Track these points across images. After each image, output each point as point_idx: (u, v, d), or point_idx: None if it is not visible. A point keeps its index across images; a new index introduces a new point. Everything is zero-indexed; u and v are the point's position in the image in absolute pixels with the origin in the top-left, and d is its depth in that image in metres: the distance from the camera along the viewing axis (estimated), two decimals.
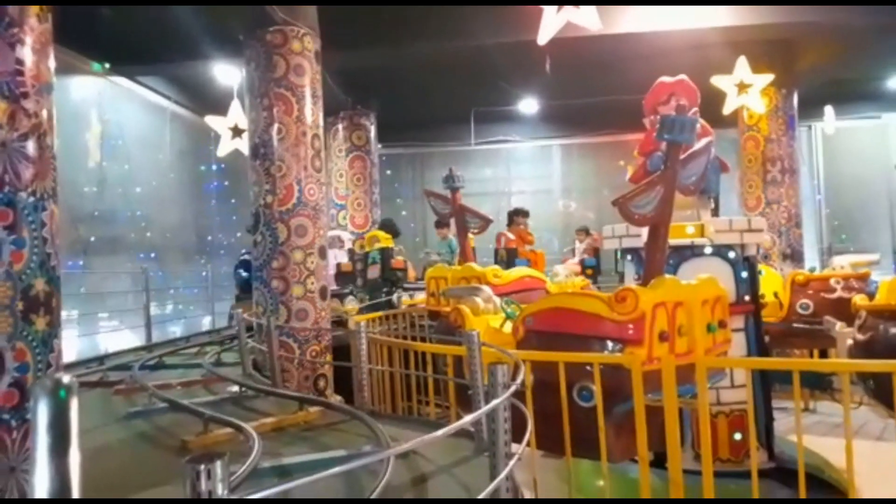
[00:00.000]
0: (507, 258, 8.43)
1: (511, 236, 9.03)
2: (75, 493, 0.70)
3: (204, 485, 1.02)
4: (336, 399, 5.32)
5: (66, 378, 0.70)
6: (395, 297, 8.05)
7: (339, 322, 6.80)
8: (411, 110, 12.68)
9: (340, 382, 5.97)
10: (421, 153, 15.12)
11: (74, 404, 0.71)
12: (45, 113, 2.50)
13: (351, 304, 7.85)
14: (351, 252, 9.53)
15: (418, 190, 14.53)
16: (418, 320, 7.24)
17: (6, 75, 2.32)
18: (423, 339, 6.08)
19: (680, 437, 3.50)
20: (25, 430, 2.41)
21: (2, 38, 2.31)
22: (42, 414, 0.66)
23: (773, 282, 7.23)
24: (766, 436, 4.96)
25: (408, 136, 14.03)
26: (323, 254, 6.25)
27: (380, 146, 12.31)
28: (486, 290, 5.37)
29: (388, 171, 14.75)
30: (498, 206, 14.14)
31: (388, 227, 9.73)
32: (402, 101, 11.87)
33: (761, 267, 6.45)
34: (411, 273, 9.49)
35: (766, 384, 4.97)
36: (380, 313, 7.30)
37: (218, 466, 1.03)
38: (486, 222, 7.13)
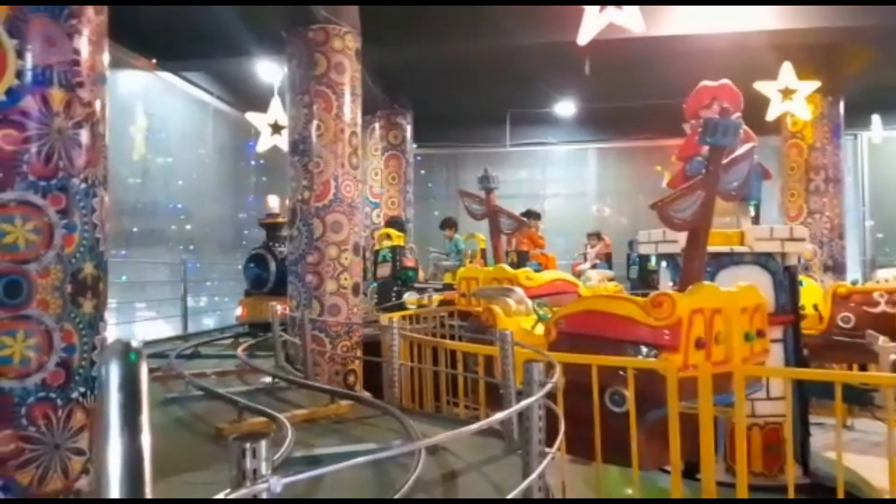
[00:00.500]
0: (518, 261, 8.30)
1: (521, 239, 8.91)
2: (147, 456, 0.72)
3: (249, 463, 1.05)
4: (365, 395, 5.36)
5: (134, 342, 0.73)
6: (405, 296, 7.91)
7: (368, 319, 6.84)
8: (447, 110, 12.72)
9: (368, 379, 6.02)
10: (455, 154, 15.14)
11: (144, 368, 0.73)
12: (98, 103, 2.58)
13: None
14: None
15: (452, 190, 14.55)
16: (448, 320, 7.24)
17: (64, 65, 2.39)
18: (452, 339, 6.09)
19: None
20: (70, 409, 2.48)
21: (61, 27, 2.38)
22: (113, 375, 0.68)
23: (813, 293, 7.05)
24: (802, 451, 4.84)
25: (443, 136, 14.06)
26: (357, 250, 6.31)
27: (415, 146, 12.36)
28: (519, 291, 5.35)
29: (423, 171, 14.80)
30: (532, 208, 14.08)
31: (398, 224, 9.67)
32: (439, 101, 11.91)
33: (802, 278, 6.30)
34: (420, 274, 9.38)
35: (804, 397, 4.85)
36: (410, 311, 7.32)
37: (263, 446, 1.06)
38: (519, 224, 7.12)
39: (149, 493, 0.74)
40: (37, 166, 2.35)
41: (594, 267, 10.46)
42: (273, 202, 8.09)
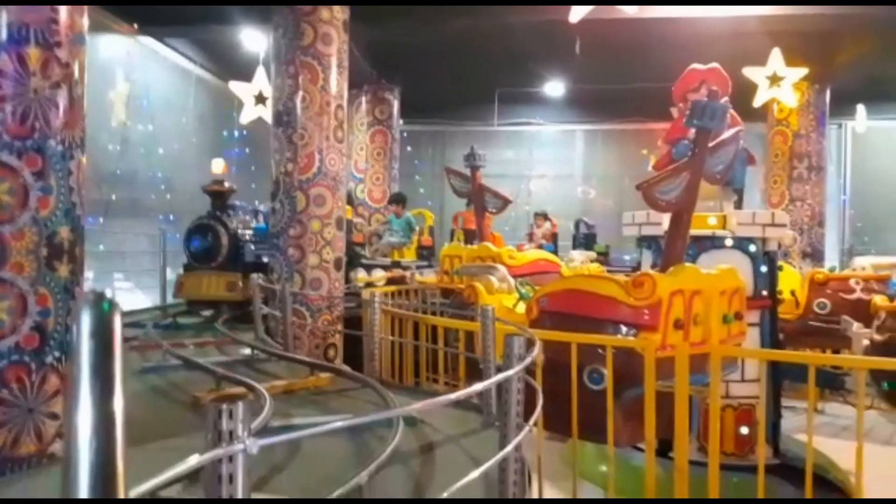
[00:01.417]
0: (465, 240, 8.14)
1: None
2: (120, 407, 0.70)
3: (225, 424, 1.04)
4: (345, 368, 5.36)
5: (108, 292, 0.71)
6: (351, 273, 7.54)
7: (350, 294, 6.81)
8: (435, 87, 12.60)
9: (349, 354, 6.03)
10: (443, 131, 15.05)
11: (118, 319, 0.71)
12: (76, 64, 2.52)
13: (361, 276, 7.79)
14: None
15: (438, 168, 14.49)
16: (430, 297, 7.26)
17: (41, 23, 2.33)
18: (434, 315, 6.10)
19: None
20: (44, 373, 2.46)
21: None
22: (85, 324, 0.66)
23: (791, 279, 7.15)
24: (773, 432, 4.94)
25: (431, 113, 13.95)
26: (340, 225, 6.27)
27: (402, 122, 12.25)
28: (502, 269, 5.37)
29: (409, 148, 14.70)
30: (518, 188, 14.07)
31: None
32: (427, 78, 11.79)
33: (781, 263, 6.38)
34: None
35: (777, 380, 4.94)
36: (393, 287, 7.32)
37: (240, 408, 1.05)
38: (505, 203, 7.12)
39: (121, 448, 0.73)
40: (11, 126, 2.30)
41: (540, 247, 10.02)
42: (217, 167, 7.23)
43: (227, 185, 7.25)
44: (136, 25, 8.50)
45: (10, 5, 2.30)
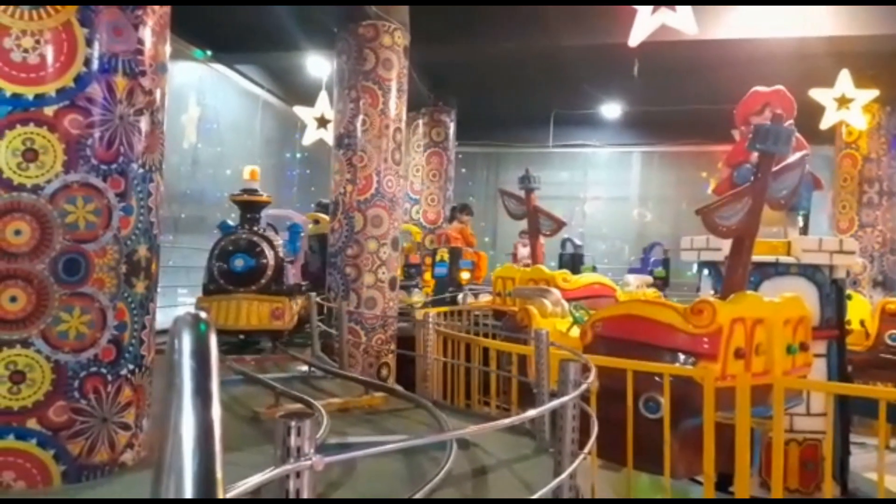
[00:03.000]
0: (451, 259, 7.93)
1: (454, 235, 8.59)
2: (218, 420, 0.76)
3: (293, 441, 1.09)
4: (397, 388, 5.42)
5: (203, 314, 0.77)
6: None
7: (403, 314, 6.88)
8: (491, 109, 12.70)
9: (400, 373, 6.08)
10: (497, 153, 15.12)
11: (213, 339, 0.78)
12: (158, 91, 2.68)
13: (417, 297, 7.87)
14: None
15: (492, 189, 14.53)
16: (482, 319, 7.26)
17: (128, 53, 2.50)
18: (486, 337, 6.10)
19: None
20: (119, 384, 2.59)
21: (127, 18, 2.49)
22: (186, 344, 0.73)
23: (860, 309, 6.83)
24: (841, 469, 4.71)
25: (486, 134, 14.05)
26: (395, 245, 6.38)
27: (457, 143, 12.40)
28: (555, 292, 5.34)
29: (464, 169, 14.82)
30: (572, 210, 13.97)
31: (325, 208, 9.26)
32: (483, 100, 11.91)
33: (849, 292, 6.11)
34: None
35: (846, 415, 4.72)
36: (445, 308, 7.36)
37: (307, 425, 1.10)
38: (559, 225, 7.09)
39: (220, 458, 0.79)
40: (99, 150, 2.46)
41: (526, 267, 9.85)
42: (247, 173, 6.34)
43: (262, 194, 6.24)
44: (209, 52, 8.95)
45: (102, 36, 2.47)
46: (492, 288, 7.35)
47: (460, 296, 8.19)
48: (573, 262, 10.26)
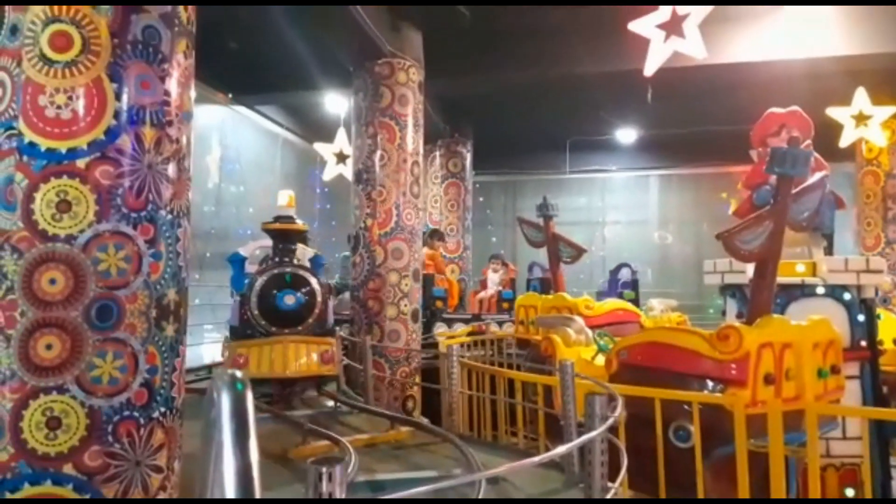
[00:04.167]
0: (424, 285, 7.41)
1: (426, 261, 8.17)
2: (256, 477, 0.79)
3: (325, 486, 1.11)
4: (424, 422, 5.40)
5: (238, 373, 0.81)
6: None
7: (426, 346, 6.86)
8: (507, 137, 12.80)
9: (425, 405, 6.07)
10: (514, 181, 15.19)
11: (250, 396, 0.81)
12: (184, 139, 2.77)
13: (442, 331, 7.80)
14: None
15: (510, 217, 14.57)
16: (507, 348, 7.23)
17: (156, 105, 2.59)
18: (509, 367, 6.06)
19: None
20: (151, 427, 2.62)
21: (154, 71, 2.59)
22: (225, 403, 0.76)
23: (892, 328, 6.68)
24: (883, 494, 4.57)
25: (502, 162, 14.14)
26: (416, 277, 6.42)
27: (474, 173, 12.50)
28: (579, 320, 5.31)
29: (481, 198, 14.90)
30: (591, 235, 13.93)
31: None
32: (499, 129, 12.02)
33: (879, 311, 5.99)
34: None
35: (883, 437, 4.59)
36: (468, 338, 7.35)
37: (339, 471, 1.12)
38: (579, 252, 7.08)
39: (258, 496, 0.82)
40: (129, 199, 2.54)
41: (498, 293, 9.22)
42: (283, 198, 5.56)
43: (298, 222, 5.52)
44: (230, 95, 9.19)
45: (130, 89, 2.56)
46: (514, 316, 7.31)
47: (435, 326, 7.83)
48: (543, 286, 8.93)
